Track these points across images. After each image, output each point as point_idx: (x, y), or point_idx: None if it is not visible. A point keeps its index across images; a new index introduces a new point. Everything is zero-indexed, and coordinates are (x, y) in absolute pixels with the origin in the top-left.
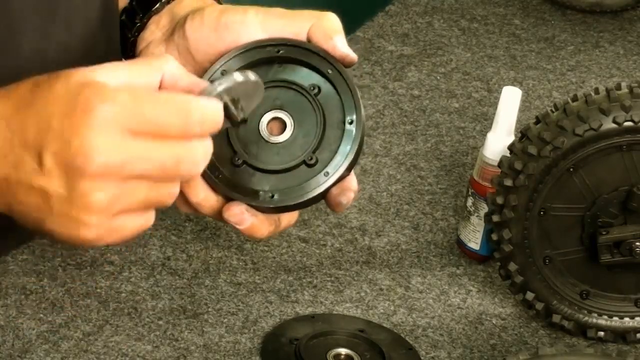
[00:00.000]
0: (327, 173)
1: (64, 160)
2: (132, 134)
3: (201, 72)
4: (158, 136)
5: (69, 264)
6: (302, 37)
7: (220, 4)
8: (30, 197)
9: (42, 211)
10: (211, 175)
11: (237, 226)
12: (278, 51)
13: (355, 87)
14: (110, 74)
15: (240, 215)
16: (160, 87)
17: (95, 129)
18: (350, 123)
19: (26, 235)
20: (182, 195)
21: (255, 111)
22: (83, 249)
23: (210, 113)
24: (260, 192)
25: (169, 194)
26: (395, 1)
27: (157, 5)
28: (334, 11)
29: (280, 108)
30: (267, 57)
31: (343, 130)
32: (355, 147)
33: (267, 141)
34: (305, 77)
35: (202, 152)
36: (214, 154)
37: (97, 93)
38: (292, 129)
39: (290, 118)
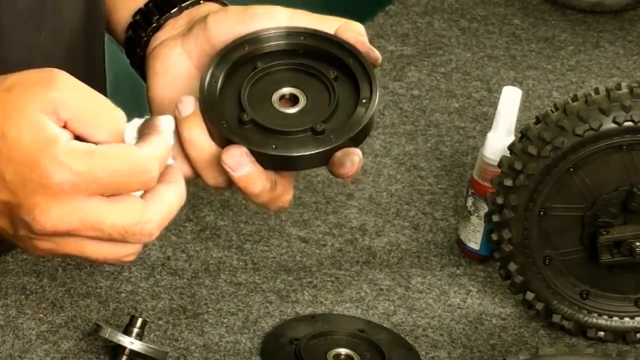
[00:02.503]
0: (332, 138)
1: (12, 211)
2: (86, 195)
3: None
4: (113, 194)
5: (69, 264)
6: None
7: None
8: None
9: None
10: (217, 122)
11: (233, 173)
12: (303, 37)
13: (374, 72)
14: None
15: (239, 158)
16: None
17: (49, 197)
18: (364, 101)
19: None
20: (180, 142)
21: (270, 86)
22: None
23: (159, 157)
24: (263, 144)
25: (122, 256)
26: (395, 1)
27: (176, 9)
28: (334, 11)
29: (295, 87)
30: (292, 42)
31: (355, 107)
32: (365, 121)
33: (277, 110)
34: (326, 65)
35: (155, 224)
36: (223, 110)
37: (53, 159)
38: (303, 104)
39: (304, 96)
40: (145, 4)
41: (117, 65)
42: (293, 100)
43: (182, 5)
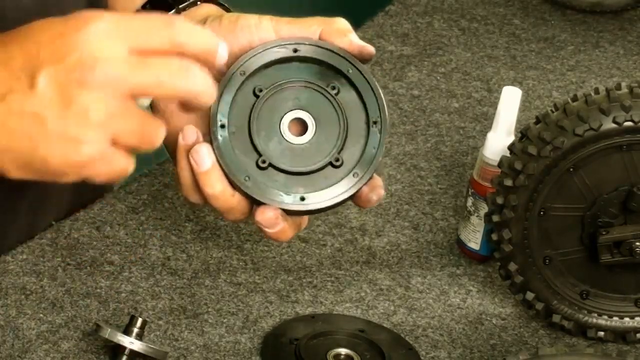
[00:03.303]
0: (357, 174)
1: (60, 77)
2: (125, 47)
3: (214, 73)
4: (149, 49)
5: (69, 264)
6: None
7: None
8: (23, 125)
9: (35, 137)
10: (240, 179)
11: (267, 230)
12: (295, 50)
13: (377, 85)
14: None
15: (275, 220)
16: None
17: (92, 41)
18: (375, 123)
19: (26, 235)
20: (196, 185)
21: (275, 112)
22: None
23: (195, 29)
24: (291, 195)
25: (159, 131)
26: (395, 1)
27: (173, 11)
28: (334, 11)
29: (301, 108)
30: (285, 57)
31: (367, 130)
32: (383, 148)
33: (290, 143)
34: (324, 76)
35: (199, 74)
36: (240, 159)
37: (88, 13)
38: (314, 130)
39: (311, 118)
40: (142, 5)
41: None
42: (301, 124)
43: (180, 7)
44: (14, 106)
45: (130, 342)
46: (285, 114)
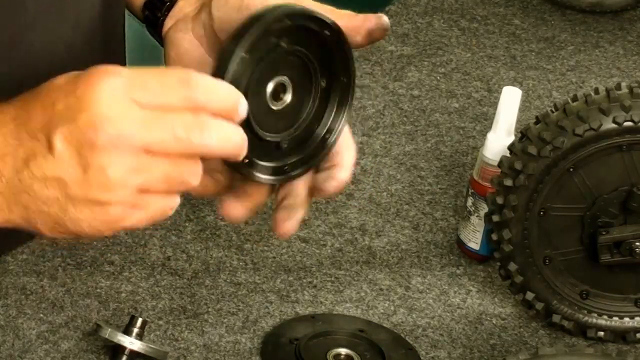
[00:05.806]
0: (287, 169)
1: (74, 138)
2: (138, 104)
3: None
4: (164, 106)
5: (69, 264)
6: None
7: None
8: (47, 190)
9: (62, 201)
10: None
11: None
12: (324, 30)
13: (351, 102)
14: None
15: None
16: None
17: (102, 100)
18: (331, 130)
19: (26, 235)
20: None
21: (274, 69)
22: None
23: (213, 86)
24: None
25: (191, 172)
26: (395, 1)
27: None
28: None
29: (291, 79)
30: (310, 28)
31: (324, 134)
32: (325, 153)
33: (266, 104)
34: (322, 70)
35: (216, 127)
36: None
37: (101, 69)
38: (287, 102)
39: (292, 94)
40: None
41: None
42: (283, 91)
43: None
44: (37, 171)
45: (130, 342)
46: (278, 77)
